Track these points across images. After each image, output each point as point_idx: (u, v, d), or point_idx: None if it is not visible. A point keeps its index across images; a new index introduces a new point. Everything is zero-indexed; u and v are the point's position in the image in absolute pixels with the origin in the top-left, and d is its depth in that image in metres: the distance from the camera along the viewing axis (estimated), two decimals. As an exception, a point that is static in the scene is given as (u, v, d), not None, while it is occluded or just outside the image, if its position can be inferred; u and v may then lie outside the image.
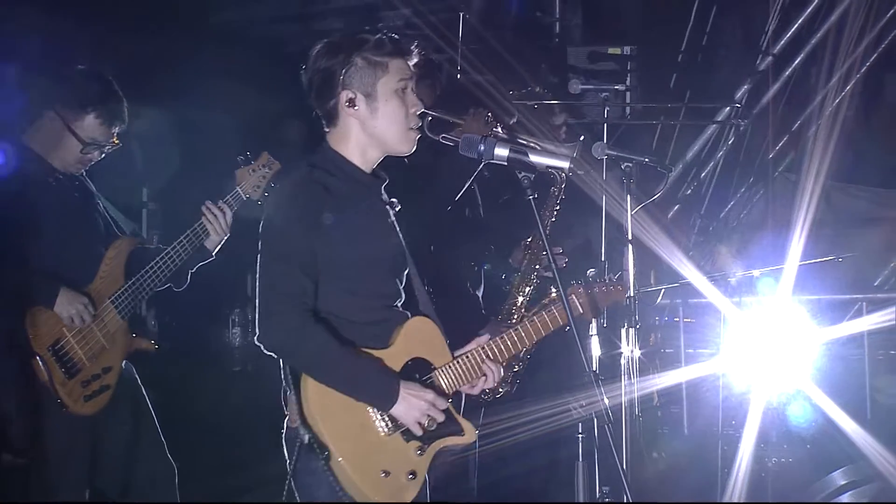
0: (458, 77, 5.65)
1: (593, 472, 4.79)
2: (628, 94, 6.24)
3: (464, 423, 3.34)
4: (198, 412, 6.45)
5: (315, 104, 3.33)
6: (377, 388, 3.17)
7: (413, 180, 3.48)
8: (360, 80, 3.26)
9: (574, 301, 3.62)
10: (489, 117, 4.48)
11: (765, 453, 5.24)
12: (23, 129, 4.17)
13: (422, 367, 3.30)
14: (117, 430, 4.23)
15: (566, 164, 3.55)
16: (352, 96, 3.26)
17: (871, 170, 7.48)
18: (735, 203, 7.47)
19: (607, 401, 3.23)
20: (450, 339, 3.40)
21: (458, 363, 3.36)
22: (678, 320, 5.94)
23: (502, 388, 4.60)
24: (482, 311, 4.66)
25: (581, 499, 4.94)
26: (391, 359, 3.24)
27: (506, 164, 3.28)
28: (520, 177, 3.23)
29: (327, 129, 3.34)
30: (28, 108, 4.18)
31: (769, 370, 5.32)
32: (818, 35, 6.84)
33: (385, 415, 3.18)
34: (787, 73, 6.95)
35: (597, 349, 4.59)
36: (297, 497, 3.23)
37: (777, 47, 6.82)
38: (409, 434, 3.20)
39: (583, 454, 4.91)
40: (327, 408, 3.11)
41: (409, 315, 3.32)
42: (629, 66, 6.37)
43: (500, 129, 4.41)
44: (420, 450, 3.23)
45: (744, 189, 7.43)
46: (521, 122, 4.56)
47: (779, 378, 5.33)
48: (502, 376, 3.52)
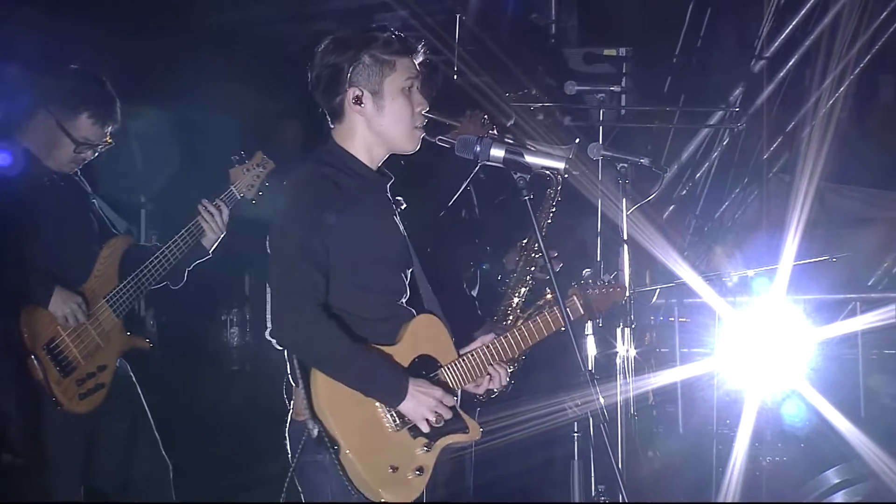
0: (454, 79, 5.65)
1: (589, 471, 4.79)
2: (623, 97, 6.26)
3: (469, 420, 3.35)
4: (196, 411, 6.45)
5: (321, 100, 3.33)
6: (387, 384, 3.17)
7: (411, 180, 3.49)
8: (368, 77, 3.25)
9: (575, 303, 3.62)
10: (485, 119, 4.51)
11: (759, 452, 5.24)
12: (16, 128, 4.18)
13: (428, 365, 3.30)
14: (112, 428, 4.24)
15: (562, 165, 3.57)
16: (358, 93, 3.26)
17: (864, 171, 7.50)
18: (730, 203, 7.48)
19: (603, 400, 3.23)
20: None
21: (463, 361, 3.37)
22: (673, 320, 5.94)
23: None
24: (478, 311, 4.67)
25: (577, 497, 4.95)
26: (399, 355, 3.25)
27: (501, 165, 3.29)
28: (515, 177, 3.24)
29: (332, 126, 3.34)
30: (21, 108, 4.18)
31: (764, 369, 5.33)
32: (812, 37, 6.86)
33: (393, 411, 3.18)
34: (782, 74, 6.97)
35: (592, 348, 4.58)
36: (299, 490, 3.24)
37: (770, 50, 6.83)
38: (416, 430, 3.21)
39: (578, 453, 4.91)
40: (337, 402, 3.12)
41: (413, 312, 3.33)
42: (624, 67, 6.39)
43: (496, 131, 4.45)
44: (427, 446, 3.23)
45: (738, 190, 7.44)
46: (517, 124, 4.59)
47: (773, 377, 5.35)
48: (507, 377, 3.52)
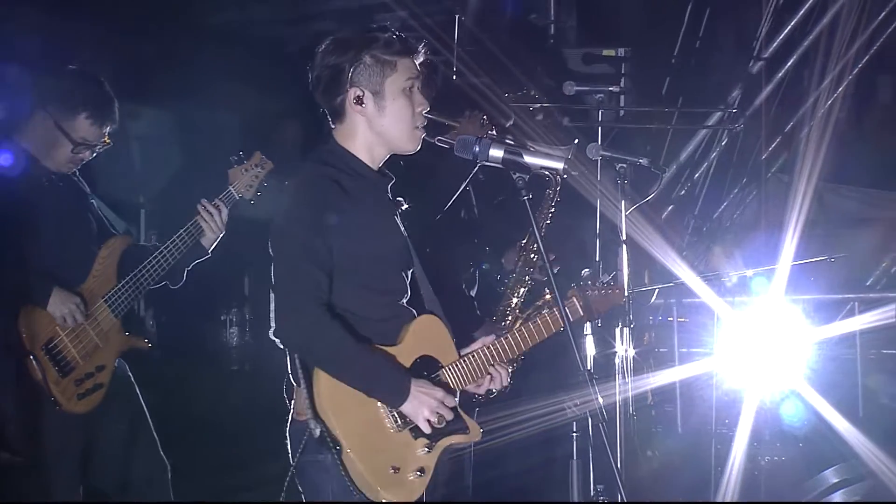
0: (453, 79, 5.66)
1: (588, 471, 4.81)
2: (622, 98, 6.27)
3: (469, 421, 3.35)
4: (195, 411, 6.45)
5: (322, 101, 3.33)
6: (389, 384, 3.17)
7: (410, 180, 3.50)
8: (369, 77, 3.25)
9: (574, 304, 3.63)
10: (484, 119, 4.52)
11: (758, 452, 5.26)
12: (15, 129, 4.18)
13: (430, 365, 3.31)
14: (111, 428, 4.24)
15: (560, 165, 3.58)
16: (360, 94, 3.26)
17: (862, 171, 7.51)
18: (728, 204, 7.49)
19: (601, 399, 3.24)
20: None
21: (464, 362, 3.37)
22: (672, 320, 5.94)
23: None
24: (476, 311, 4.68)
25: (575, 497, 4.96)
26: (401, 356, 3.25)
27: (501, 165, 3.29)
28: (514, 178, 3.25)
29: (333, 126, 3.34)
30: (19, 108, 4.19)
31: (762, 369, 5.34)
32: (811, 37, 6.87)
33: (395, 411, 3.18)
34: (780, 75, 6.98)
35: (591, 348, 4.60)
36: (299, 490, 3.24)
37: (768, 51, 6.84)
38: (417, 431, 3.21)
39: (577, 452, 4.93)
40: (339, 402, 3.11)
41: (414, 312, 3.33)
42: (623, 68, 6.40)
43: (495, 131, 4.46)
44: (428, 447, 3.23)
45: (737, 190, 7.45)
46: (516, 124, 4.60)
47: (772, 377, 5.36)
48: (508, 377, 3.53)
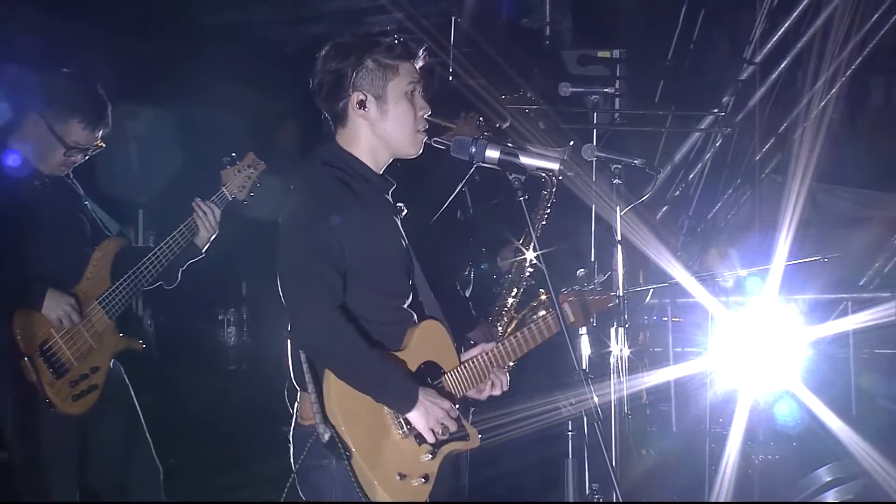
0: (449, 80, 5.67)
1: (583, 470, 4.82)
2: (617, 100, 6.29)
3: (469, 428, 3.36)
4: (193, 411, 6.47)
5: (324, 105, 3.34)
6: (399, 390, 3.17)
7: (407, 182, 3.51)
8: (371, 82, 3.26)
9: (566, 310, 3.65)
10: (480, 121, 4.54)
11: (752, 450, 5.27)
12: (7, 132, 4.18)
13: (433, 371, 3.31)
14: (105, 429, 4.25)
15: (556, 166, 3.60)
16: (362, 98, 3.26)
17: (856, 171, 7.53)
18: (723, 204, 7.49)
19: (597, 399, 3.28)
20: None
21: (465, 368, 3.38)
22: (667, 319, 5.97)
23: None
24: (472, 312, 4.70)
25: (571, 496, 4.98)
26: (407, 360, 3.25)
27: (497, 166, 3.31)
28: (510, 178, 3.26)
29: (336, 130, 3.34)
30: (12, 111, 4.19)
31: (756, 369, 5.36)
32: (804, 39, 6.88)
33: (401, 417, 3.18)
34: (774, 76, 6.99)
35: (586, 348, 4.62)
36: (300, 495, 3.23)
37: (760, 55, 6.85)
38: (421, 438, 3.21)
39: (572, 451, 4.96)
40: (349, 407, 3.10)
41: (415, 316, 3.33)
42: (618, 70, 6.41)
43: (491, 133, 4.48)
44: (431, 454, 3.23)
45: (731, 190, 7.45)
46: (512, 126, 4.62)
47: (766, 377, 5.38)
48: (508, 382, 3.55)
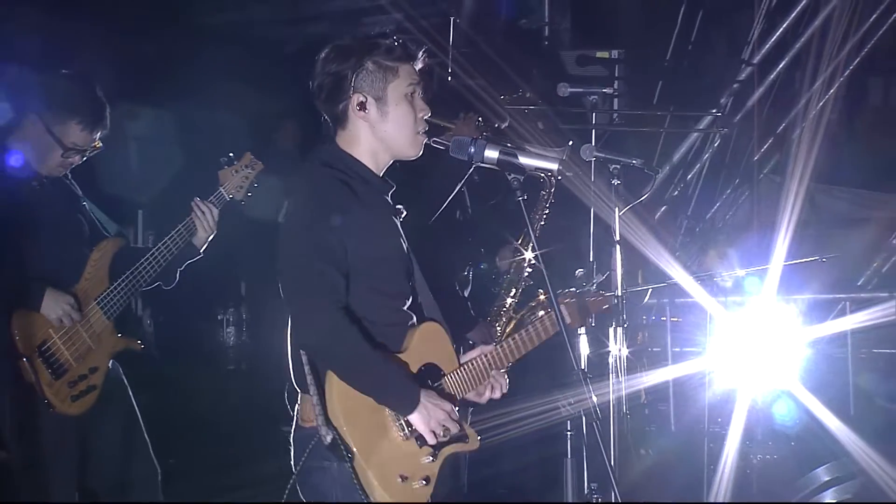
0: (448, 81, 5.68)
1: (582, 469, 4.83)
2: (616, 100, 6.30)
3: (469, 430, 3.35)
4: (192, 410, 6.47)
5: (323, 108, 3.34)
6: (401, 392, 3.17)
7: (406, 182, 3.52)
8: (371, 83, 3.26)
9: (562, 311, 3.65)
10: (479, 121, 4.55)
11: (750, 450, 5.28)
12: (6, 132, 4.19)
13: (433, 373, 3.31)
14: (104, 429, 4.25)
15: (555, 166, 3.60)
16: (362, 100, 3.27)
17: (854, 172, 7.53)
18: (721, 204, 7.50)
19: (595, 398, 3.28)
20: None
21: (464, 370, 3.39)
22: (665, 319, 5.97)
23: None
24: (471, 312, 4.70)
25: (569, 495, 4.99)
26: (407, 363, 3.25)
27: (496, 166, 3.31)
28: (509, 178, 3.27)
29: (335, 133, 3.34)
30: (11, 112, 4.19)
31: (755, 369, 5.37)
32: (802, 39, 6.89)
33: (402, 419, 3.18)
34: (772, 77, 7.00)
35: (585, 348, 4.63)
36: (301, 497, 3.23)
37: (759, 56, 6.86)
38: (423, 440, 3.21)
39: (571, 451, 4.97)
40: (351, 409, 3.10)
41: (414, 318, 3.33)
42: (617, 70, 6.43)
43: (490, 133, 4.48)
44: (432, 456, 3.23)
45: (729, 191, 7.46)
46: (511, 126, 4.62)
47: (764, 376, 5.38)
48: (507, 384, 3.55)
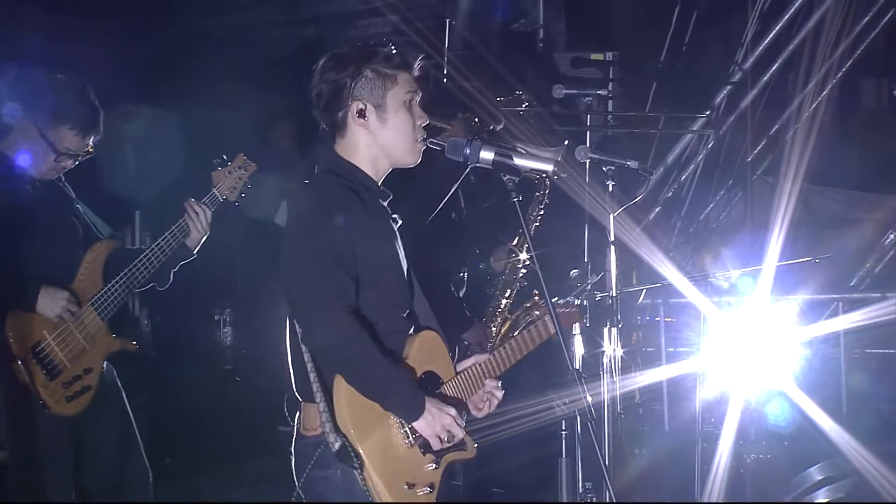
0: (444, 82, 5.70)
1: (576, 469, 4.85)
2: (610, 102, 6.32)
3: (467, 438, 3.37)
4: (189, 410, 6.48)
5: (322, 117, 3.35)
6: (407, 398, 3.17)
7: (401, 184, 3.54)
8: (371, 91, 3.28)
9: (546, 322, 3.71)
10: (476, 122, 4.57)
11: (743, 450, 5.30)
12: (0, 136, 4.20)
13: (433, 381, 3.33)
14: (98, 430, 4.26)
15: (550, 168, 3.62)
16: (362, 107, 3.29)
17: (847, 173, 7.56)
18: (715, 205, 7.52)
19: (590, 398, 3.28)
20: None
21: (460, 378, 3.41)
22: (659, 320, 5.98)
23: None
24: (466, 313, 4.72)
25: (564, 495, 5.00)
26: (413, 369, 3.27)
27: (491, 167, 3.33)
28: (504, 179, 3.29)
29: (335, 141, 3.36)
30: (4, 116, 4.19)
31: (748, 369, 5.39)
32: (796, 41, 6.92)
33: (407, 426, 3.19)
34: (766, 78, 7.02)
35: (580, 348, 4.65)
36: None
37: (752, 58, 6.88)
38: (426, 447, 3.23)
39: (566, 451, 4.98)
40: (359, 416, 3.11)
41: (412, 326, 3.35)
42: (611, 72, 6.45)
43: (486, 133, 4.50)
44: (434, 463, 3.25)
45: (723, 192, 7.47)
46: (506, 128, 4.64)
47: (757, 376, 5.40)
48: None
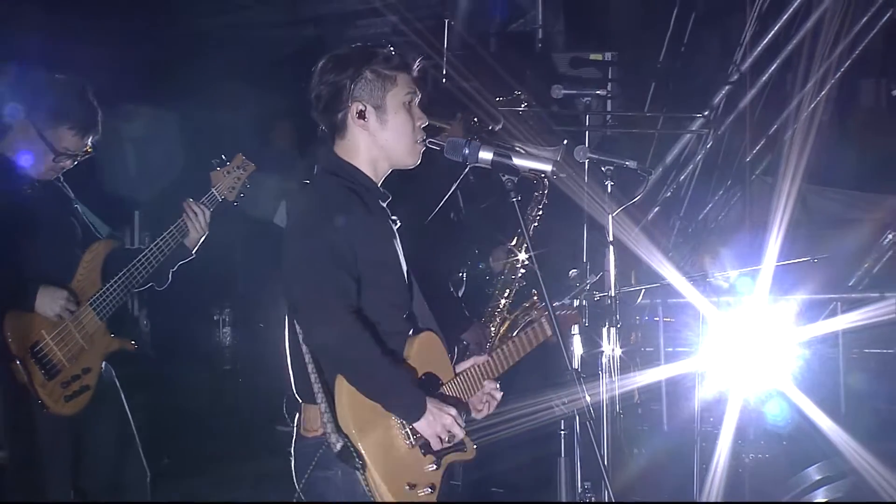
0: (443, 82, 5.71)
1: (575, 469, 4.86)
2: (609, 102, 6.33)
3: (466, 439, 3.38)
4: (189, 410, 6.48)
5: (321, 118, 3.35)
6: (410, 399, 3.18)
7: (399, 184, 3.55)
8: (371, 92, 3.29)
9: (543, 325, 3.73)
10: (475, 122, 4.57)
11: (742, 449, 5.31)
12: None
13: (432, 383, 3.33)
14: (98, 430, 4.27)
15: (549, 168, 3.63)
16: (362, 108, 3.29)
17: (845, 173, 7.57)
18: (713, 205, 7.52)
19: (589, 398, 3.31)
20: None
21: (459, 380, 3.42)
22: (658, 319, 5.99)
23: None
24: (465, 313, 4.72)
25: (563, 494, 5.01)
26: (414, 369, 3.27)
27: (490, 167, 3.33)
28: (503, 179, 3.30)
29: (334, 142, 3.36)
30: (3, 117, 4.19)
31: (747, 369, 5.39)
32: (794, 41, 6.93)
33: (408, 427, 3.20)
34: (764, 78, 7.03)
35: (578, 347, 4.66)
36: None
37: (750, 58, 6.89)
38: (426, 448, 3.23)
39: (565, 450, 4.99)
40: (361, 417, 3.12)
41: (411, 327, 3.35)
42: (610, 72, 6.46)
43: (485, 133, 4.51)
44: (435, 464, 3.26)
45: (722, 192, 7.48)
46: (505, 128, 4.65)
47: (756, 376, 5.41)
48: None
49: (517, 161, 3.37)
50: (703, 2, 7.41)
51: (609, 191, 4.39)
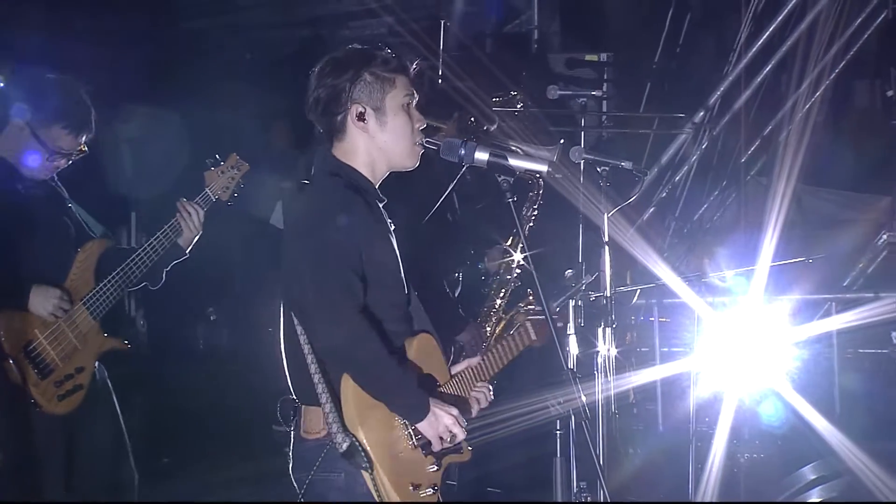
0: (439, 83, 5.72)
1: (570, 468, 4.87)
2: (605, 103, 6.34)
3: (462, 441, 3.38)
4: (186, 410, 6.48)
5: (320, 120, 3.35)
6: (414, 399, 3.18)
7: (396, 184, 3.56)
8: (370, 94, 3.29)
9: (528, 329, 3.75)
10: (471, 122, 4.59)
11: (737, 449, 5.32)
12: None
13: (430, 385, 3.33)
14: (91, 429, 4.28)
15: (545, 168, 3.64)
16: (361, 110, 3.29)
17: (840, 173, 7.57)
18: (708, 206, 7.53)
19: (584, 398, 3.31)
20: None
21: (454, 381, 3.43)
22: (653, 319, 6.00)
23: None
24: (461, 313, 4.74)
25: (559, 494, 5.02)
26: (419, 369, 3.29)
27: (486, 167, 3.33)
28: (499, 180, 3.30)
29: (333, 145, 3.36)
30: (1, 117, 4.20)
31: (742, 369, 5.41)
32: (789, 42, 6.94)
33: (411, 428, 3.20)
34: (759, 79, 7.04)
35: (574, 347, 4.67)
36: None
37: (745, 59, 6.90)
38: (427, 448, 3.24)
39: (560, 450, 5.00)
40: (367, 416, 3.12)
41: (409, 328, 3.36)
42: (606, 73, 6.48)
43: (481, 133, 4.52)
44: (435, 464, 3.27)
45: (717, 192, 7.48)
46: (500, 128, 4.66)
47: (751, 376, 5.42)
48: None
49: (513, 161, 3.37)
50: (698, 3, 7.43)
51: (604, 191, 4.40)
